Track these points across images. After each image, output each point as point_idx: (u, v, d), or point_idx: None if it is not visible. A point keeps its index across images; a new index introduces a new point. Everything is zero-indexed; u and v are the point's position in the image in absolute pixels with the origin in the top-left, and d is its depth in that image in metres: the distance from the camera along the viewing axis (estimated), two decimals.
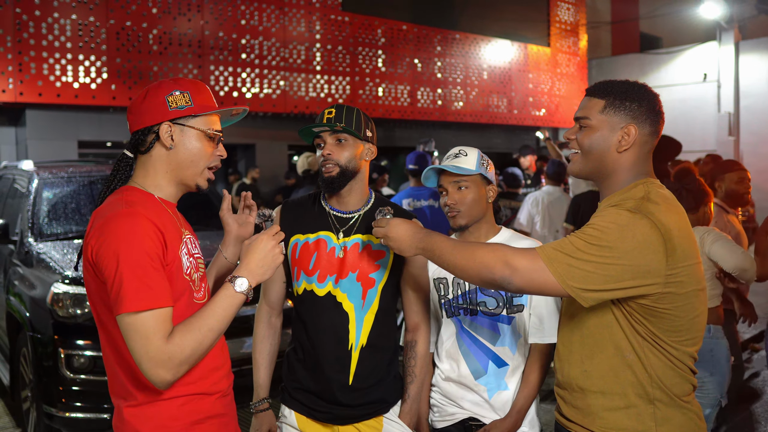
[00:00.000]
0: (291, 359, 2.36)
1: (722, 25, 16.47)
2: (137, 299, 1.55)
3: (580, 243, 1.66)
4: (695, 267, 1.70)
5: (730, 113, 16.78)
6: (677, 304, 1.67)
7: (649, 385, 1.72)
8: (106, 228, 1.61)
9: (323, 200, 2.35)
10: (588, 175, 1.86)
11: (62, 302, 3.99)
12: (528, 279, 1.69)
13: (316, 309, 2.26)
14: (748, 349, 6.75)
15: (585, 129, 1.84)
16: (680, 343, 1.72)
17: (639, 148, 1.81)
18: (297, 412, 2.30)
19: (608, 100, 1.81)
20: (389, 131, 14.76)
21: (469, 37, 15.14)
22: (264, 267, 1.76)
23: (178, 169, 1.78)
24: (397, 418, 2.33)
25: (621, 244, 1.62)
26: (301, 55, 12.45)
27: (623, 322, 1.73)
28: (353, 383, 2.25)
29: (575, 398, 1.83)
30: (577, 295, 1.66)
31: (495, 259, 1.73)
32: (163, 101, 1.74)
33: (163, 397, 1.69)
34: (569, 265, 1.65)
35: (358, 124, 2.27)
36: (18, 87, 9.60)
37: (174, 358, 1.57)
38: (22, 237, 4.88)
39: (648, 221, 1.64)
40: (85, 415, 3.90)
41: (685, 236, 1.69)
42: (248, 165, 12.64)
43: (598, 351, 1.77)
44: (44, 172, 5.32)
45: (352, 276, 2.25)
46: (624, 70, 18.80)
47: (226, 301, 1.68)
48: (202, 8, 11.29)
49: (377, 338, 2.29)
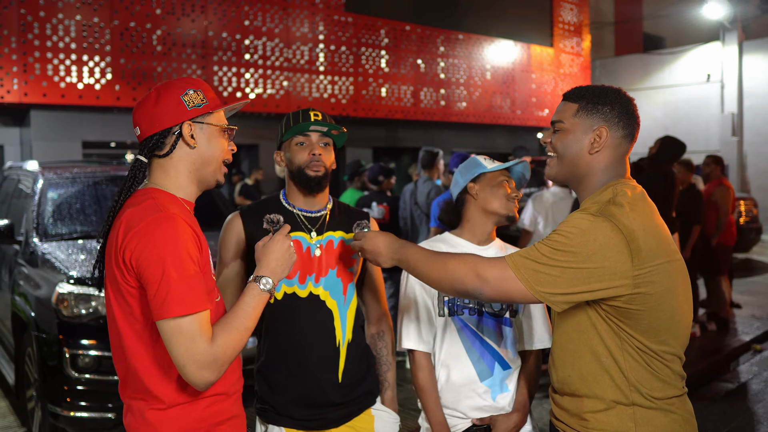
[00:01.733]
0: (267, 374, 2.28)
1: (726, 25, 16.45)
2: (184, 303, 1.57)
3: (545, 249, 1.70)
4: (668, 265, 1.70)
5: (734, 114, 16.76)
6: (651, 304, 1.68)
7: (626, 389, 1.73)
8: (148, 232, 1.61)
9: (285, 202, 2.34)
10: (564, 178, 1.88)
11: (67, 302, 4.01)
12: (498, 288, 1.73)
13: (299, 311, 2.24)
14: (751, 350, 6.75)
15: (559, 132, 1.87)
16: (661, 342, 1.72)
17: (612, 150, 1.82)
18: (288, 427, 2.27)
19: (581, 103, 1.83)
20: (392, 132, 14.78)
21: (472, 37, 15.15)
22: (283, 266, 1.82)
23: (201, 168, 1.80)
24: (384, 407, 2.39)
25: (583, 249, 1.65)
26: (304, 55, 12.47)
27: (600, 326, 1.74)
28: (343, 380, 2.26)
29: (564, 401, 1.85)
30: (547, 300, 1.70)
31: (466, 270, 1.77)
32: (179, 101, 1.74)
33: (191, 399, 1.70)
34: (535, 270, 1.69)
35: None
36: (23, 87, 9.64)
37: (219, 359, 1.60)
38: (27, 237, 4.90)
39: (609, 224, 1.66)
40: (90, 415, 3.92)
41: (651, 235, 1.69)
42: (252, 165, 12.66)
43: (578, 356, 1.80)
44: (49, 173, 5.35)
45: (332, 273, 2.27)
46: (627, 71, 18.80)
47: (255, 300, 1.72)
48: (205, 9, 11.32)
49: (359, 331, 2.35)
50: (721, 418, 4.93)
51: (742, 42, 16.73)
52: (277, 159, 2.35)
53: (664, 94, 17.93)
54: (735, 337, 7.05)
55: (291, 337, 2.25)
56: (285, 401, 2.25)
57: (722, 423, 4.85)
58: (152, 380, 1.69)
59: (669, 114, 17.49)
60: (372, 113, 13.45)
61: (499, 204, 2.33)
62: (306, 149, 2.26)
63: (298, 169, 2.26)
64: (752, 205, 12.19)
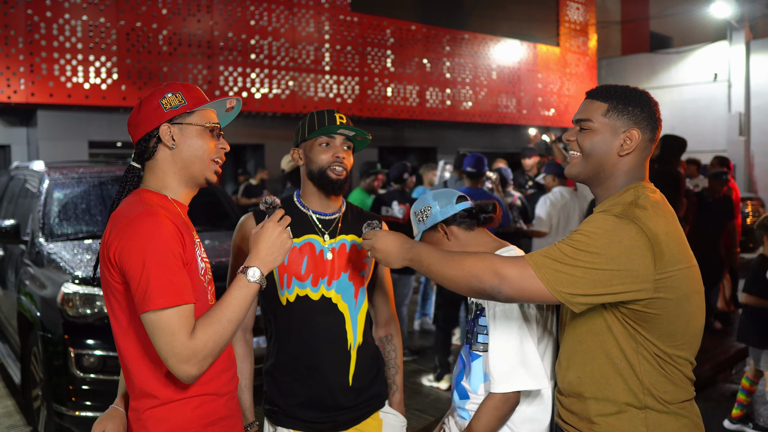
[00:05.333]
0: (276, 376, 2.28)
1: (733, 24, 16.38)
2: (163, 296, 1.58)
3: (567, 249, 1.67)
4: (687, 271, 1.69)
5: (741, 113, 16.69)
6: (669, 308, 1.67)
7: (640, 392, 1.72)
8: (130, 228, 1.63)
9: (300, 203, 2.34)
10: (586, 178, 1.85)
11: (72, 302, 4.02)
12: (518, 287, 1.69)
13: (311, 314, 2.24)
14: None
15: (586, 131, 1.83)
16: (675, 347, 1.71)
17: (639, 153, 1.81)
18: (296, 429, 2.28)
19: (611, 103, 1.81)
20: (398, 131, 14.77)
21: (478, 37, 15.13)
22: (274, 254, 1.79)
23: (184, 168, 1.81)
24: (392, 409, 2.39)
25: (608, 250, 1.62)
26: (310, 55, 12.48)
27: (615, 329, 1.72)
28: (353, 383, 2.27)
29: (572, 403, 1.83)
30: (566, 301, 1.66)
31: (484, 268, 1.72)
32: (157, 105, 1.79)
33: (181, 397, 1.71)
34: (557, 270, 1.65)
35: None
36: (29, 88, 9.68)
37: (198, 353, 1.60)
38: (33, 237, 4.92)
39: (635, 226, 1.64)
40: (95, 414, 3.93)
41: (673, 240, 1.68)
42: (257, 165, 12.68)
43: (591, 358, 1.77)
44: (55, 173, 5.37)
45: (345, 276, 2.28)
46: (634, 70, 18.74)
47: (241, 292, 1.71)
48: (211, 9, 11.34)
49: (368, 334, 2.35)
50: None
51: (750, 41, 16.65)
52: (294, 156, 2.34)
53: (670, 93, 17.86)
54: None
55: (302, 340, 2.24)
56: (294, 404, 2.26)
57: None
58: (142, 377, 1.71)
59: (676, 113, 17.42)
60: (378, 113, 13.45)
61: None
62: (330, 151, 2.25)
63: (319, 170, 2.25)
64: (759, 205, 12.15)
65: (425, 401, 5.14)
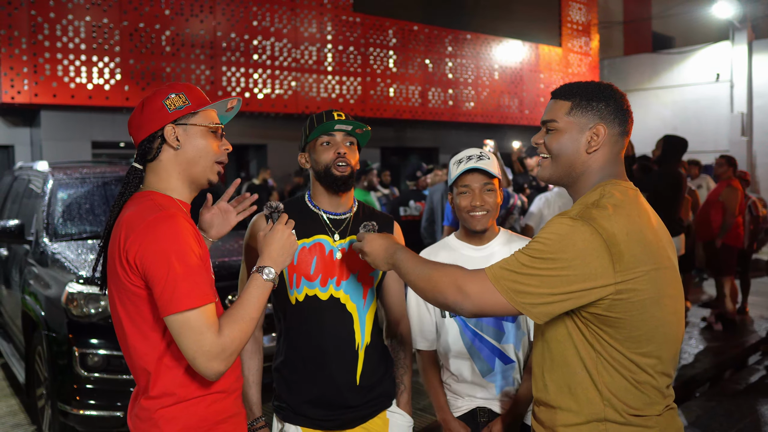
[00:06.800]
0: (285, 374, 2.31)
1: (735, 24, 16.38)
2: (191, 297, 1.62)
3: (524, 258, 1.63)
4: (654, 273, 1.62)
5: (743, 113, 16.69)
6: (632, 312, 1.61)
7: (600, 403, 1.67)
8: (151, 231, 1.65)
9: (311, 203, 2.35)
10: (558, 179, 1.82)
11: (76, 301, 4.04)
12: (479, 303, 1.67)
13: (320, 314, 2.25)
14: (759, 350, 6.73)
15: (552, 132, 1.80)
16: (641, 354, 1.65)
17: (609, 148, 1.76)
18: (304, 426, 2.29)
19: (574, 101, 1.77)
20: (400, 131, 14.79)
21: (480, 37, 15.14)
22: (285, 255, 1.85)
23: (188, 168, 1.83)
24: (399, 409, 2.40)
25: (563, 254, 1.59)
26: (312, 55, 12.50)
27: (576, 337, 1.68)
28: (360, 383, 2.28)
29: (540, 412, 1.80)
30: (527, 312, 1.63)
31: (447, 283, 1.71)
32: (161, 106, 1.80)
33: (195, 396, 1.74)
34: (515, 281, 1.62)
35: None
36: (33, 88, 9.71)
37: (227, 349, 1.65)
38: (37, 237, 4.94)
39: (589, 227, 1.59)
40: (99, 413, 3.94)
41: (636, 241, 1.61)
42: (260, 165, 12.70)
43: (555, 367, 1.74)
44: (59, 173, 5.38)
45: (354, 276, 2.28)
46: (636, 70, 18.74)
47: (258, 290, 1.76)
48: (214, 10, 11.37)
49: (377, 334, 2.36)
50: (729, 418, 4.91)
51: (752, 41, 16.65)
52: (301, 161, 2.35)
53: (673, 93, 17.86)
54: (743, 337, 7.03)
55: (311, 339, 2.26)
56: (302, 401, 2.27)
57: (730, 423, 4.84)
58: (157, 379, 1.73)
59: (678, 114, 17.42)
60: (380, 113, 13.47)
61: (460, 212, 2.42)
62: (331, 148, 2.26)
63: (324, 169, 2.26)
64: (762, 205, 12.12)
65: (427, 401, 5.14)
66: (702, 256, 7.81)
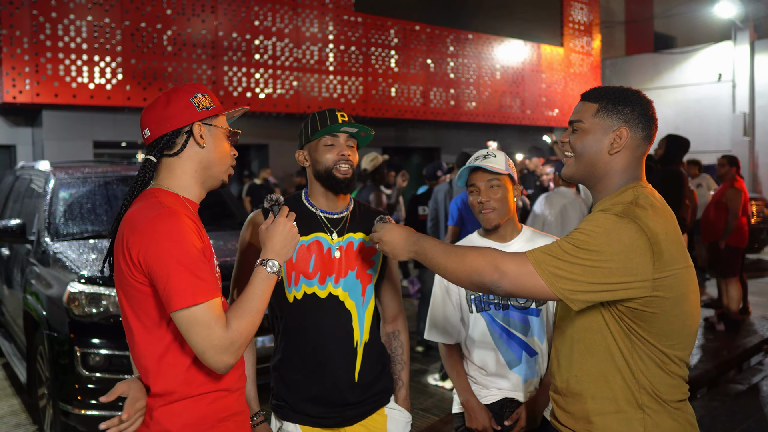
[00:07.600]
0: (283, 372, 2.32)
1: (737, 24, 16.36)
2: (196, 293, 1.63)
3: (568, 246, 1.69)
4: (684, 271, 1.71)
5: (745, 113, 16.67)
6: (666, 308, 1.69)
7: (636, 391, 1.73)
8: (153, 229, 1.66)
9: (308, 202, 2.36)
10: (580, 178, 1.88)
11: (78, 301, 4.04)
12: (517, 283, 1.72)
13: (318, 311, 2.26)
14: (762, 350, 6.72)
15: (578, 132, 1.87)
16: (671, 347, 1.73)
17: (631, 151, 1.83)
18: (303, 424, 2.30)
19: (601, 103, 1.84)
20: (402, 131, 14.79)
21: (482, 37, 15.13)
22: (287, 247, 1.87)
23: (208, 168, 1.86)
24: (397, 405, 2.42)
25: (608, 248, 1.65)
26: (314, 55, 12.50)
27: (613, 326, 1.74)
28: (359, 380, 2.29)
29: (568, 403, 1.84)
30: (565, 298, 1.68)
31: (485, 263, 1.76)
32: (189, 103, 1.82)
33: (198, 393, 1.75)
34: (557, 267, 1.68)
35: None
36: (35, 88, 9.72)
37: (235, 342, 1.66)
38: (39, 237, 4.94)
39: (635, 225, 1.66)
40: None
41: (672, 240, 1.70)
42: (261, 165, 12.71)
43: (589, 355, 1.79)
44: (60, 173, 5.39)
45: (352, 274, 2.29)
46: (638, 70, 18.72)
47: (264, 283, 1.78)
48: (216, 9, 11.37)
49: (375, 331, 2.38)
50: (732, 419, 4.91)
51: (754, 41, 16.63)
52: (300, 158, 2.35)
53: (675, 93, 17.85)
54: (746, 337, 7.01)
55: (309, 337, 2.27)
56: (301, 399, 2.28)
57: (732, 424, 4.83)
58: (159, 376, 1.73)
59: (680, 114, 17.40)
60: (381, 113, 13.46)
61: (474, 211, 2.53)
62: (334, 150, 2.27)
63: (326, 170, 2.27)
64: (764, 206, 12.11)
65: (430, 401, 5.14)
66: (704, 257, 7.81)
